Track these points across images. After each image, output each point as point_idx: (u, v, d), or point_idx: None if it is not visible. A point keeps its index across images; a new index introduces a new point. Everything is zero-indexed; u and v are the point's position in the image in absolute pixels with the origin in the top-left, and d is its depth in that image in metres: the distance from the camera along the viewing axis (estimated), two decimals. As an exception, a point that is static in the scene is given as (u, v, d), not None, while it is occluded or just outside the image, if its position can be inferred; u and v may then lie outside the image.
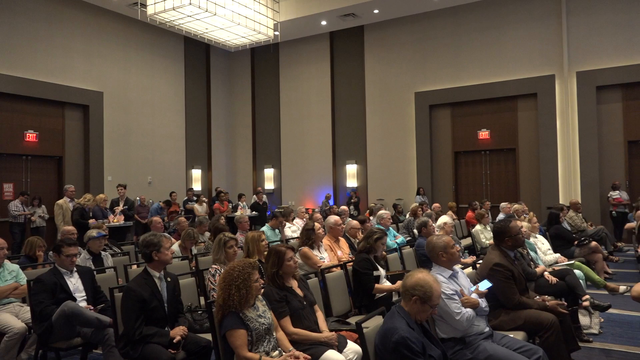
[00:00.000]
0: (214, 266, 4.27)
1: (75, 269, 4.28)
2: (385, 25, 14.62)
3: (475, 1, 13.22)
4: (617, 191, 11.10)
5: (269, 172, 16.92)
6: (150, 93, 14.59)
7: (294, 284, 3.54)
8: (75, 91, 12.49)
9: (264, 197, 14.32)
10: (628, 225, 9.00)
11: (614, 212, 11.09)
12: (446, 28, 13.77)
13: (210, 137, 16.61)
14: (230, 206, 13.30)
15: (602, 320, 5.29)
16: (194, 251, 6.16)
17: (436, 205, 10.90)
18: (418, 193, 13.41)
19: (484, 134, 13.44)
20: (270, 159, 16.89)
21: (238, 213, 11.34)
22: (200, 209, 12.68)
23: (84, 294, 4.21)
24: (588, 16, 12.02)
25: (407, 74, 14.35)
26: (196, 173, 16.06)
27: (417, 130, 14.12)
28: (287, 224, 8.74)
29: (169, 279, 3.69)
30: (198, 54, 16.29)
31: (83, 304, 4.11)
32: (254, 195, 14.08)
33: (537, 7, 12.59)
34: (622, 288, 6.09)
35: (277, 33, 13.83)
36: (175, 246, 6.05)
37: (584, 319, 5.06)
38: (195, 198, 13.50)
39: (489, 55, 13.16)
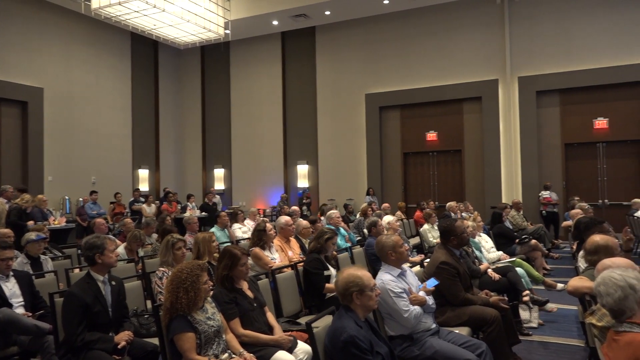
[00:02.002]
0: (161, 268, 4.17)
1: (11, 273, 4.07)
2: (337, 26, 14.74)
3: (424, 6, 13.56)
4: (548, 191, 11.67)
5: (219, 173, 16.68)
6: (95, 90, 14.05)
7: (244, 285, 3.51)
8: (13, 87, 11.85)
9: (215, 198, 14.11)
10: (565, 223, 9.47)
11: (544, 211, 11.65)
12: (396, 31, 14.04)
13: (158, 136, 16.19)
14: (179, 207, 13.02)
15: (556, 309, 5.54)
16: (141, 253, 5.99)
17: (386, 205, 11.08)
18: (368, 193, 13.60)
19: (431, 135, 13.81)
20: (221, 159, 16.66)
21: (187, 214, 11.12)
22: (148, 209, 12.36)
23: (21, 299, 4.01)
24: (529, 24, 12.57)
25: (358, 76, 14.53)
26: (143, 173, 15.60)
27: (367, 132, 14.32)
28: (238, 225, 8.65)
29: (113, 283, 3.57)
30: (146, 50, 15.85)
31: (20, 310, 3.92)
32: (205, 197, 13.85)
33: (482, 14, 13.05)
34: (559, 285, 6.41)
35: (227, 32, 13.67)
36: (121, 248, 5.87)
37: (524, 314, 5.29)
38: (142, 199, 13.13)
39: (437, 59, 13.53)
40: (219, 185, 16.57)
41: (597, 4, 11.95)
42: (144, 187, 15.34)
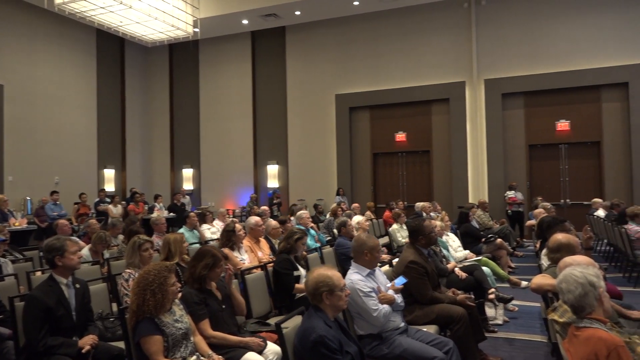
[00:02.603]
0: (127, 270, 4.09)
1: (-32, 277, 3.92)
2: (307, 27, 14.75)
3: (393, 8, 13.71)
4: (513, 191, 11.97)
5: (187, 173, 16.46)
6: (59, 88, 13.66)
7: (213, 285, 3.48)
8: (-29, 83, 11.43)
9: (184, 198, 13.92)
10: (529, 222, 9.72)
11: (509, 211, 11.95)
12: (366, 32, 14.15)
13: (124, 135, 15.86)
14: (146, 207, 12.78)
15: (517, 309, 5.68)
16: (106, 255, 5.85)
17: (355, 205, 11.15)
18: (338, 193, 13.66)
19: (400, 136, 13.96)
20: (189, 159, 16.44)
21: (154, 215, 10.93)
22: (114, 210, 12.09)
23: (-21, 304, 3.87)
24: (495, 28, 12.86)
25: (328, 76, 14.57)
26: (109, 173, 15.25)
27: (337, 132, 14.38)
28: (207, 226, 8.56)
29: (77, 286, 3.48)
30: (112, 48, 15.50)
31: (-22, 315, 3.78)
32: (173, 197, 13.64)
33: (449, 18, 13.28)
34: (523, 283, 6.57)
35: (196, 30, 13.51)
36: (85, 250, 5.72)
37: (489, 311, 5.41)
38: (108, 199, 12.84)
39: (406, 61, 13.70)
40: (188, 185, 16.35)
41: (559, 10, 12.32)
42: (109, 187, 15.00)
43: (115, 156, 15.57)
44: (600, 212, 9.75)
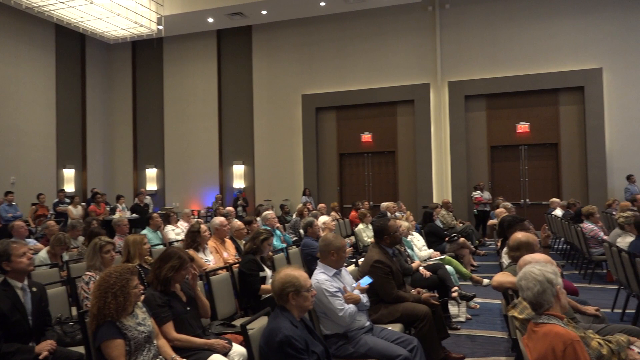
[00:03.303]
0: (88, 273, 3.98)
1: None
2: (274, 26, 14.70)
3: (360, 10, 13.81)
4: (479, 191, 12.26)
5: (151, 172, 16.14)
6: (14, 84, 13.16)
7: (177, 287, 3.42)
8: None
9: (147, 199, 13.64)
10: (490, 221, 9.97)
11: (476, 210, 12.23)
12: (332, 33, 14.21)
13: (85, 134, 15.42)
14: (108, 208, 12.47)
15: (479, 306, 5.82)
16: (65, 257, 5.68)
17: (321, 205, 11.17)
18: (304, 194, 13.66)
19: (366, 137, 14.08)
20: (153, 158, 16.13)
21: (116, 215, 10.67)
22: (74, 211, 11.74)
23: None
24: (459, 32, 13.14)
25: (295, 76, 14.56)
26: (68, 173, 14.79)
27: (303, 132, 14.38)
28: (171, 227, 8.41)
29: (34, 289, 3.36)
30: (72, 44, 15.04)
31: None
32: (136, 197, 13.35)
33: (414, 20, 13.48)
34: (485, 281, 6.73)
35: (160, 27, 13.28)
36: (43, 252, 5.53)
37: (453, 309, 5.51)
38: (67, 200, 12.45)
39: (372, 62, 13.82)
40: (151, 185, 16.03)
41: (520, 16, 12.69)
42: (69, 187, 14.55)
43: (75, 155, 15.12)
44: (558, 212, 10.09)
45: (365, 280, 3.77)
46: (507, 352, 4.41)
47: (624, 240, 5.85)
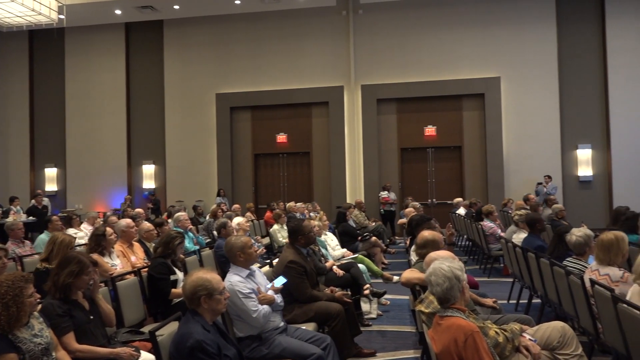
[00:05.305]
0: (-25, 282, 3.61)
1: None
2: (187, 22, 14.27)
3: (275, 10, 13.79)
4: (386, 192, 12.73)
5: (50, 172, 15.02)
6: None
7: (79, 295, 3.21)
8: None
9: (45, 200, 12.66)
10: (400, 221, 10.39)
11: (382, 210, 12.70)
12: (247, 32, 14.07)
13: (-27, 129, 14.02)
14: (0, 211, 11.42)
15: (389, 303, 6.01)
16: (-52, 266, 5.12)
17: (236, 206, 11.02)
18: (218, 194, 13.41)
19: (281, 137, 14.10)
20: (53, 157, 15.02)
21: (10, 219, 9.81)
22: (-42, 215, 10.63)
23: None
24: (371, 37, 13.56)
25: (208, 74, 14.24)
26: (-47, 172, 13.39)
27: (218, 132, 14.11)
28: (73, 230, 7.88)
29: None
30: (-43, 30, 13.60)
31: None
32: (33, 199, 12.35)
33: (328, 23, 13.72)
34: (395, 278, 7.00)
35: (62, 17, 12.39)
36: None
37: (365, 306, 5.69)
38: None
39: (287, 63, 13.87)
40: (51, 186, 14.93)
41: (428, 25, 13.36)
42: (-47, 188, 13.17)
43: (-40, 153, 13.70)
44: (462, 210, 10.72)
45: (280, 281, 3.78)
46: (415, 346, 4.61)
47: (518, 237, 6.35)
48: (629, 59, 12.59)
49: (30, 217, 11.42)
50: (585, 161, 12.85)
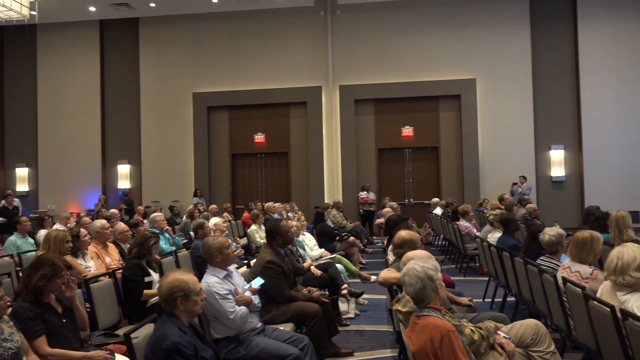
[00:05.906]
0: (-59, 286, 3.51)
1: None
2: (163, 20, 14.09)
3: (253, 10, 13.73)
4: (366, 192, 12.80)
5: (22, 172, 14.66)
6: None
7: (52, 298, 3.14)
8: None
9: (15, 201, 12.36)
10: (378, 221, 10.46)
11: (361, 210, 12.76)
12: (225, 32, 13.97)
13: (-61, 128, 13.59)
14: (-31, 212, 11.12)
15: (367, 302, 6.04)
16: None
17: (213, 206, 10.94)
18: (195, 195, 13.28)
19: (259, 137, 14.04)
20: (24, 156, 14.66)
21: (-21, 220, 9.55)
22: None
23: None
24: (349, 37, 13.60)
25: (185, 74, 14.09)
26: None
27: (194, 131, 13.97)
28: (45, 231, 7.70)
29: None
30: None
31: None
32: (3, 200, 12.04)
33: (307, 24, 13.72)
34: (372, 278, 7.04)
35: (33, 13, 12.08)
36: None
37: (342, 306, 5.69)
38: None
39: (265, 63, 13.82)
40: (22, 186, 14.57)
41: (405, 26, 13.47)
42: None
43: None
44: (438, 210, 10.84)
45: (257, 282, 3.76)
46: (392, 345, 4.64)
47: (493, 236, 6.45)
48: (600, 62, 12.94)
49: (1, 218, 11.14)
50: (558, 162, 13.14)
